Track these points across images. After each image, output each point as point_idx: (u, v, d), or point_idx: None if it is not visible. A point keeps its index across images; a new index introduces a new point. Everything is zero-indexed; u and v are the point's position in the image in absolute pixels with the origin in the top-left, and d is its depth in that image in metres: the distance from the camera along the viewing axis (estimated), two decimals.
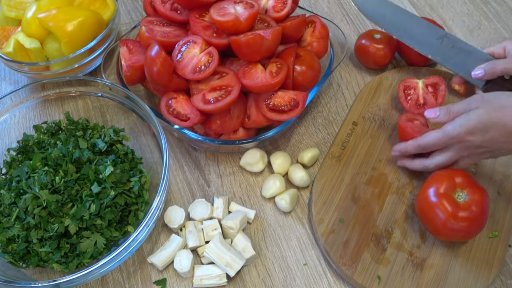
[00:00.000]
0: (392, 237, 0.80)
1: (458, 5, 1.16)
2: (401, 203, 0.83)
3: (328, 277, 0.79)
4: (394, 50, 1.00)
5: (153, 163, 0.84)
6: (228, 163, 0.91)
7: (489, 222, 0.79)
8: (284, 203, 0.83)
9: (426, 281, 0.76)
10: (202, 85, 0.83)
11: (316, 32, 0.91)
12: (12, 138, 0.88)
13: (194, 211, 0.83)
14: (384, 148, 0.89)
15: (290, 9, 0.89)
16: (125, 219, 0.78)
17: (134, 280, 0.79)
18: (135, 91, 0.95)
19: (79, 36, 0.93)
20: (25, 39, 0.92)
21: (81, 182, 0.75)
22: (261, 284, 0.78)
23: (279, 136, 0.94)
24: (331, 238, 0.79)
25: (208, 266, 0.78)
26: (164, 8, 0.88)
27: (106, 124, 0.92)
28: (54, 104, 0.94)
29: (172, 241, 0.79)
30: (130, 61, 0.87)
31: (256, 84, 0.81)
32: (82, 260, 0.74)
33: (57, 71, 0.95)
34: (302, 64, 0.86)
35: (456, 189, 0.75)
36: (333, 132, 0.94)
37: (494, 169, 0.87)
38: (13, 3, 0.99)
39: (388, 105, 0.95)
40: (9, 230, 0.74)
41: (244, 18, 0.81)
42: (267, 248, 0.81)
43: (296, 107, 0.82)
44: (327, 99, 0.99)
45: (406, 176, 0.86)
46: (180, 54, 0.82)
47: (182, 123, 0.82)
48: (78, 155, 0.77)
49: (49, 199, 0.72)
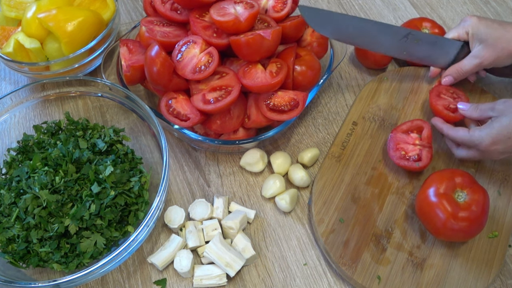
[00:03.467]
0: (392, 237, 0.80)
1: (458, 5, 1.16)
2: (401, 203, 0.83)
3: (328, 277, 0.79)
4: None
5: (153, 163, 0.84)
6: (228, 163, 0.91)
7: (489, 222, 0.79)
8: (284, 203, 0.83)
9: (426, 281, 0.76)
10: (202, 85, 0.83)
11: (316, 32, 0.91)
12: (12, 138, 0.88)
13: (194, 211, 0.83)
14: (384, 148, 0.89)
15: (290, 9, 0.89)
16: (125, 219, 0.78)
17: (134, 280, 0.79)
18: (135, 91, 0.95)
19: (79, 36, 0.93)
20: (25, 39, 0.92)
21: (81, 182, 0.75)
22: (261, 284, 0.78)
23: (279, 136, 0.94)
24: (331, 238, 0.79)
25: (208, 266, 0.78)
26: (164, 8, 0.88)
27: (106, 124, 0.92)
28: (54, 104, 0.94)
29: (172, 241, 0.79)
30: (130, 61, 0.87)
31: (256, 84, 0.81)
32: (82, 260, 0.74)
33: (57, 71, 0.95)
34: (302, 64, 0.86)
35: (456, 189, 0.75)
36: (333, 132, 0.94)
37: (494, 169, 0.87)
38: (13, 3, 0.99)
39: (388, 105, 0.95)
40: (9, 230, 0.74)
41: (244, 18, 0.81)
42: (267, 248, 0.81)
43: (296, 107, 0.82)
44: (327, 99, 0.99)
45: (406, 176, 0.86)
46: (180, 54, 0.82)
47: (182, 123, 0.82)
48: (78, 155, 0.77)
49: (49, 199, 0.72)
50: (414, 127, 0.86)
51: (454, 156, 0.86)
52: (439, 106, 0.88)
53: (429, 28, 1.00)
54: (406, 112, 0.94)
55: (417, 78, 0.98)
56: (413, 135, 0.86)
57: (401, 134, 0.86)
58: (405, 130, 0.86)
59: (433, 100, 0.89)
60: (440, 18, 1.13)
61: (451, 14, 1.14)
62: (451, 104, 0.88)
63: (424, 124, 0.86)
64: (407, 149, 0.85)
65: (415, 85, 0.97)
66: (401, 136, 0.86)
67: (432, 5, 1.16)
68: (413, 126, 0.86)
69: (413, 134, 0.86)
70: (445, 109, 0.88)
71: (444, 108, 0.88)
